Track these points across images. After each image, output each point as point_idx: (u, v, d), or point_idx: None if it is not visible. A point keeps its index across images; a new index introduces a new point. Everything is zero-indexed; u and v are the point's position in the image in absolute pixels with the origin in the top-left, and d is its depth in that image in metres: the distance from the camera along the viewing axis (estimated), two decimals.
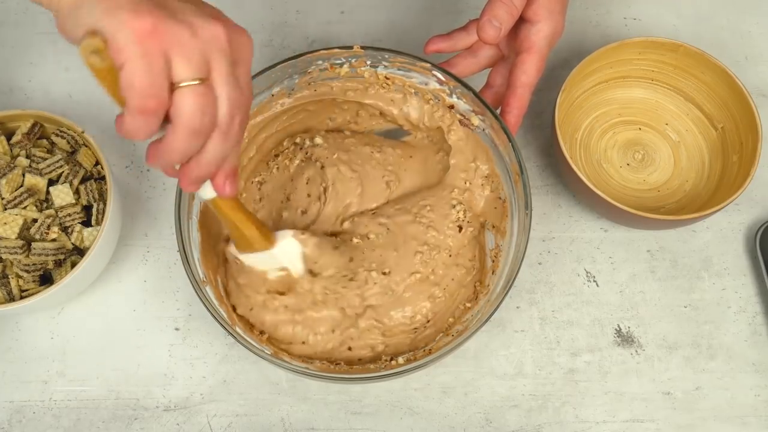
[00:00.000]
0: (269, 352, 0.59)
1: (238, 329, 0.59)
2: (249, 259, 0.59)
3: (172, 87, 0.41)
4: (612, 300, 0.68)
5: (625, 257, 0.70)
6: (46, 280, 0.64)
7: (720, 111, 0.71)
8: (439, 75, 0.64)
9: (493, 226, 0.65)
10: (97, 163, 0.66)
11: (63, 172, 0.65)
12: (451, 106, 0.66)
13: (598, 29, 0.79)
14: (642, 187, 0.71)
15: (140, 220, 0.71)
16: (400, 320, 0.63)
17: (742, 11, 0.80)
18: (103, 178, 0.66)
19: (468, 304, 0.64)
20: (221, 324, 0.57)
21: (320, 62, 0.65)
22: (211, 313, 0.57)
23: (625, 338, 0.67)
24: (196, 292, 0.57)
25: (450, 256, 0.65)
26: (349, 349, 0.62)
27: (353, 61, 0.65)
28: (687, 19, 0.80)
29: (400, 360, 0.61)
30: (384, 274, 0.63)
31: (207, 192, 0.50)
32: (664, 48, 0.70)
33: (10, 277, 0.62)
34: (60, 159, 0.65)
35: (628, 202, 0.69)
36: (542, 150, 0.74)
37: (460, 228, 0.65)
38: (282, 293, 0.62)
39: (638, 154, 0.73)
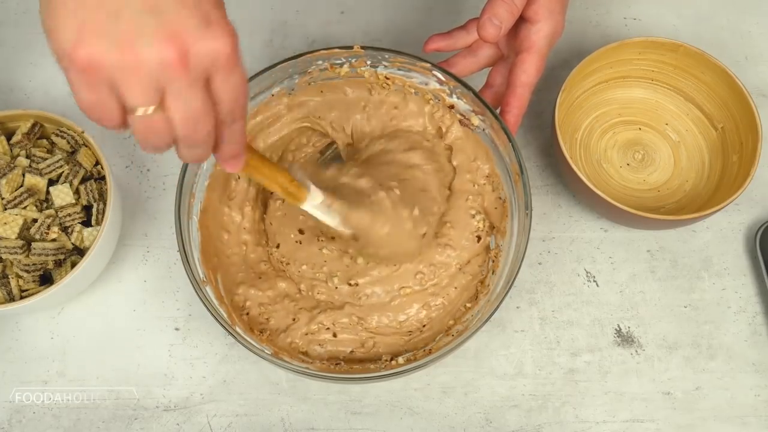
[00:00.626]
0: (269, 352, 0.59)
1: (238, 329, 0.59)
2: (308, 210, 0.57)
3: (126, 110, 0.40)
4: (612, 300, 0.68)
5: (625, 257, 0.70)
6: (46, 280, 0.64)
7: (720, 111, 0.71)
8: (439, 75, 0.64)
9: (493, 227, 0.65)
10: (97, 163, 0.66)
11: (63, 172, 0.65)
12: (451, 106, 0.66)
13: (598, 29, 0.79)
14: (642, 187, 0.71)
15: (140, 220, 0.71)
16: (386, 323, 0.63)
17: (742, 11, 0.80)
18: (103, 178, 0.66)
19: (468, 305, 0.64)
20: (221, 324, 0.57)
21: (320, 62, 0.65)
22: (211, 313, 0.57)
23: (625, 338, 0.67)
24: (196, 292, 0.57)
25: (460, 268, 0.64)
26: (335, 335, 0.63)
27: (353, 61, 0.65)
28: (687, 19, 0.80)
29: (400, 360, 0.61)
30: (350, 285, 0.64)
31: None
32: (664, 48, 0.70)
33: (10, 277, 0.62)
34: (60, 159, 0.65)
35: (628, 202, 0.69)
36: (542, 150, 0.74)
37: (479, 238, 0.65)
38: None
39: (638, 154, 0.73)
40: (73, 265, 0.63)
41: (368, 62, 0.65)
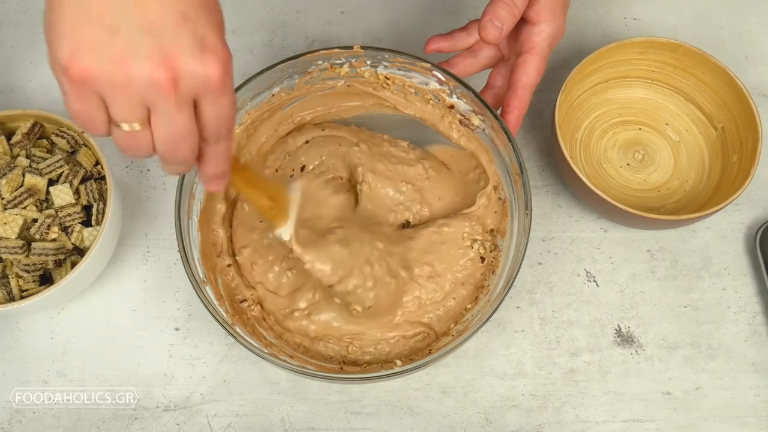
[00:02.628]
0: (269, 352, 0.59)
1: (238, 329, 0.59)
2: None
3: (112, 123, 0.41)
4: (612, 300, 0.68)
5: (625, 257, 0.70)
6: (46, 280, 0.64)
7: (720, 111, 0.71)
8: (439, 75, 0.64)
9: (493, 227, 0.65)
10: (97, 163, 0.66)
11: (63, 172, 0.65)
12: (451, 106, 0.66)
13: (598, 29, 0.79)
14: (642, 187, 0.71)
15: (140, 220, 0.71)
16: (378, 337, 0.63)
17: (742, 11, 0.80)
18: (103, 178, 0.66)
19: (468, 305, 0.64)
20: (221, 324, 0.57)
21: (320, 62, 0.65)
22: (211, 313, 0.57)
23: (625, 338, 0.67)
24: (196, 292, 0.57)
25: (462, 284, 0.64)
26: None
27: (353, 61, 0.65)
28: (687, 19, 0.80)
29: (400, 361, 0.61)
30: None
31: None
32: (664, 48, 0.70)
33: (10, 277, 0.62)
34: (60, 159, 0.65)
35: (628, 202, 0.69)
36: (542, 150, 0.74)
37: (483, 259, 0.65)
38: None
39: (638, 154, 0.73)
40: (73, 265, 0.63)
41: (368, 62, 0.65)
